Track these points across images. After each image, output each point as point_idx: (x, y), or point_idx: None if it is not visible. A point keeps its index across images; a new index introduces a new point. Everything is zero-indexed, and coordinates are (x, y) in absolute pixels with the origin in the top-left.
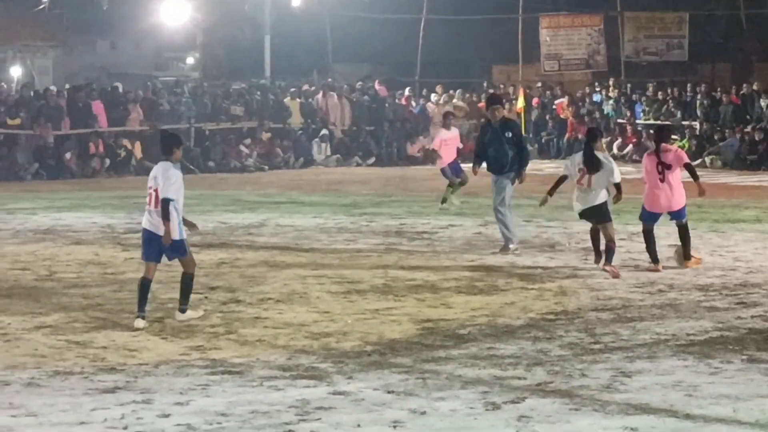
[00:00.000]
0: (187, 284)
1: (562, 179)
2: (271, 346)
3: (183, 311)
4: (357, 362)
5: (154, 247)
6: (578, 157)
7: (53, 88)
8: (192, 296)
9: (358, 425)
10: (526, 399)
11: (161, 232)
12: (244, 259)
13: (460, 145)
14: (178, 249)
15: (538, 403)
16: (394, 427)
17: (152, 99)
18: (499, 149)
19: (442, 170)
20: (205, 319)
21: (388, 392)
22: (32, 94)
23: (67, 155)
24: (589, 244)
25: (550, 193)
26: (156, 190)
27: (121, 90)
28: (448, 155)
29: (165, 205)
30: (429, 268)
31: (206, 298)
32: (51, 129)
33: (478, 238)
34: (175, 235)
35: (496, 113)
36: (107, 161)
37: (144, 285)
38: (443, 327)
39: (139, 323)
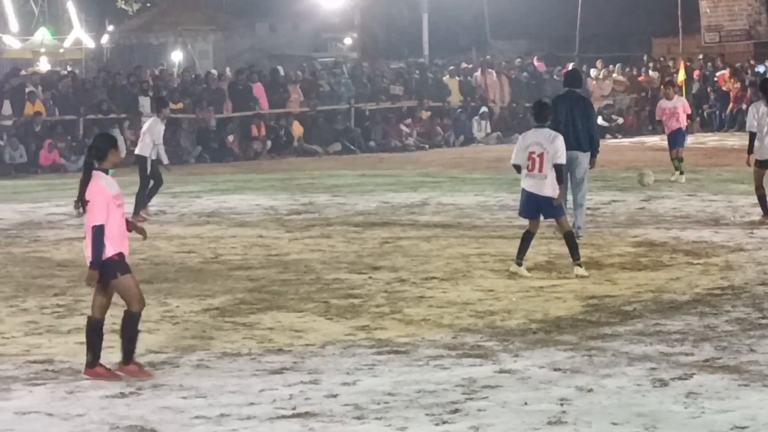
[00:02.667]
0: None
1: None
2: (436, 325)
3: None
4: (522, 340)
5: (533, 206)
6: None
7: (214, 71)
8: (357, 276)
9: (525, 403)
10: (694, 375)
11: (545, 193)
12: (406, 238)
13: (684, 114)
14: (557, 209)
15: (706, 379)
16: (561, 404)
17: (312, 80)
18: None
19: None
20: (369, 299)
21: (555, 370)
22: (194, 78)
23: (230, 138)
24: (755, 217)
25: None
26: (541, 155)
27: (282, 72)
28: (671, 124)
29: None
30: (592, 244)
31: (370, 278)
32: (213, 112)
33: (641, 213)
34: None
35: None
36: (269, 143)
37: (526, 237)
38: (608, 304)
39: (518, 269)
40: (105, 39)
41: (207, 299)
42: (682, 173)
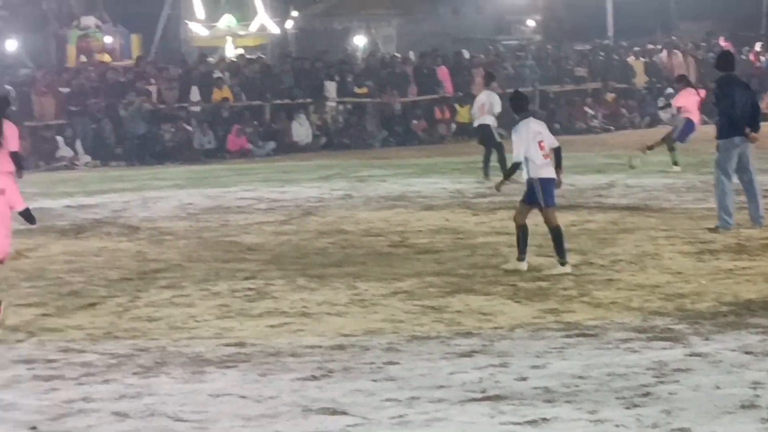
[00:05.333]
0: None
1: None
2: (625, 308)
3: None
4: (713, 323)
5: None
6: None
7: (398, 55)
8: (544, 259)
9: (717, 387)
10: None
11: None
12: (594, 220)
13: None
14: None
15: None
16: (754, 388)
17: (496, 63)
18: None
19: None
20: (557, 282)
21: (746, 353)
22: (379, 62)
23: (415, 122)
24: None
25: None
26: (542, 142)
27: (466, 56)
28: None
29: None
30: None
31: (558, 261)
32: (398, 96)
33: None
34: None
35: None
36: (453, 126)
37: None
38: None
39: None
40: (289, 24)
41: (395, 282)
42: None
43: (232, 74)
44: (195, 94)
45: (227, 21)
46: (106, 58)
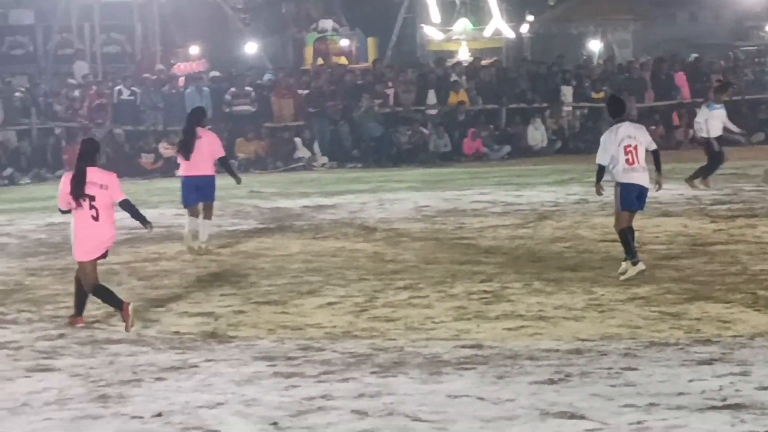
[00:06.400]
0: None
1: None
2: None
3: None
4: None
5: (634, 197)
6: None
7: (635, 60)
8: None
9: None
10: None
11: (648, 184)
12: None
13: None
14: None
15: None
16: None
17: (736, 69)
18: None
19: None
20: None
21: None
22: (616, 67)
23: (652, 127)
24: None
25: None
26: (636, 147)
27: (704, 61)
28: None
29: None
30: None
31: None
32: (634, 101)
33: None
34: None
35: None
36: (690, 132)
37: (630, 235)
38: None
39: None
40: (524, 29)
41: (632, 288)
42: None
43: (468, 77)
44: (432, 97)
45: (463, 25)
46: (343, 60)
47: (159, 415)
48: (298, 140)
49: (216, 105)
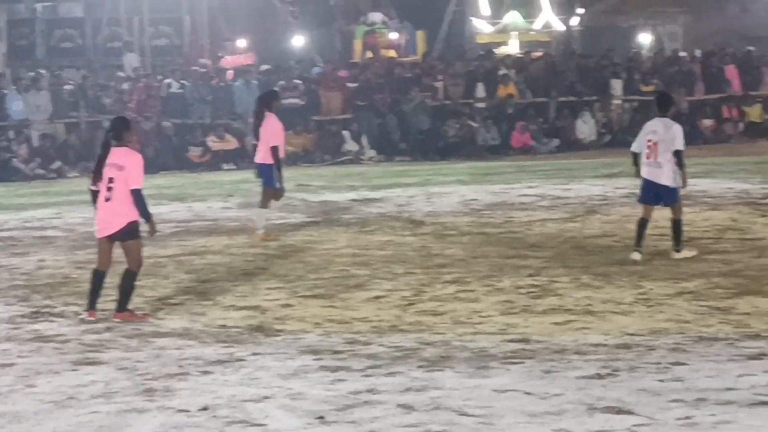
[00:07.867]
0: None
1: None
2: None
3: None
4: None
5: (651, 193)
6: None
7: (685, 53)
8: None
9: None
10: None
11: (662, 181)
12: None
13: None
14: (673, 197)
15: None
16: None
17: None
18: None
19: None
20: None
21: None
22: (665, 60)
23: (704, 121)
24: None
25: None
26: (656, 144)
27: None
28: None
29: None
30: None
31: None
32: (684, 94)
33: None
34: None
35: None
36: (741, 126)
37: (642, 224)
38: None
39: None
40: (574, 21)
41: (681, 282)
42: None
43: (517, 70)
44: (480, 90)
45: (513, 18)
46: (392, 53)
47: (205, 408)
48: (346, 133)
49: None
